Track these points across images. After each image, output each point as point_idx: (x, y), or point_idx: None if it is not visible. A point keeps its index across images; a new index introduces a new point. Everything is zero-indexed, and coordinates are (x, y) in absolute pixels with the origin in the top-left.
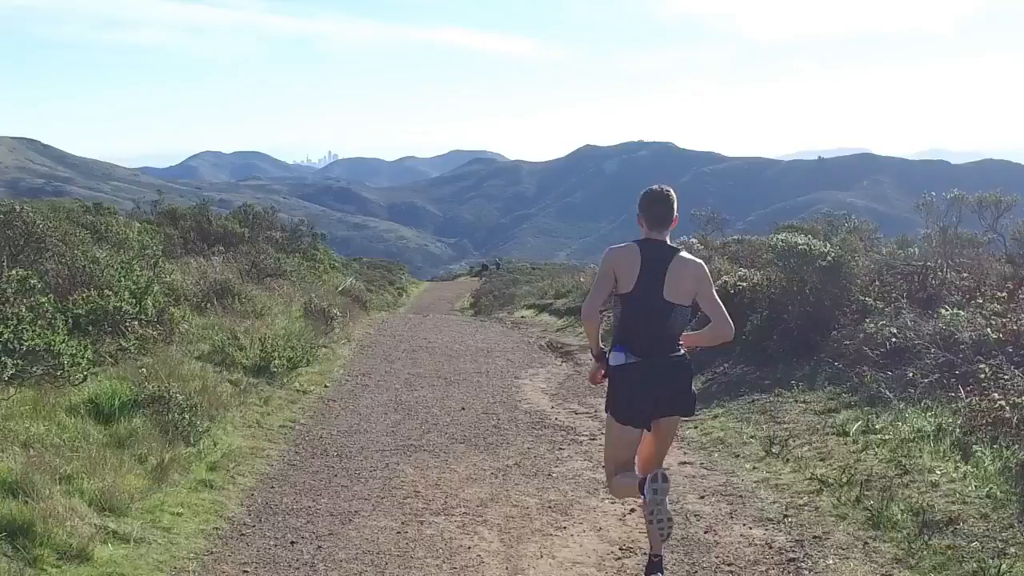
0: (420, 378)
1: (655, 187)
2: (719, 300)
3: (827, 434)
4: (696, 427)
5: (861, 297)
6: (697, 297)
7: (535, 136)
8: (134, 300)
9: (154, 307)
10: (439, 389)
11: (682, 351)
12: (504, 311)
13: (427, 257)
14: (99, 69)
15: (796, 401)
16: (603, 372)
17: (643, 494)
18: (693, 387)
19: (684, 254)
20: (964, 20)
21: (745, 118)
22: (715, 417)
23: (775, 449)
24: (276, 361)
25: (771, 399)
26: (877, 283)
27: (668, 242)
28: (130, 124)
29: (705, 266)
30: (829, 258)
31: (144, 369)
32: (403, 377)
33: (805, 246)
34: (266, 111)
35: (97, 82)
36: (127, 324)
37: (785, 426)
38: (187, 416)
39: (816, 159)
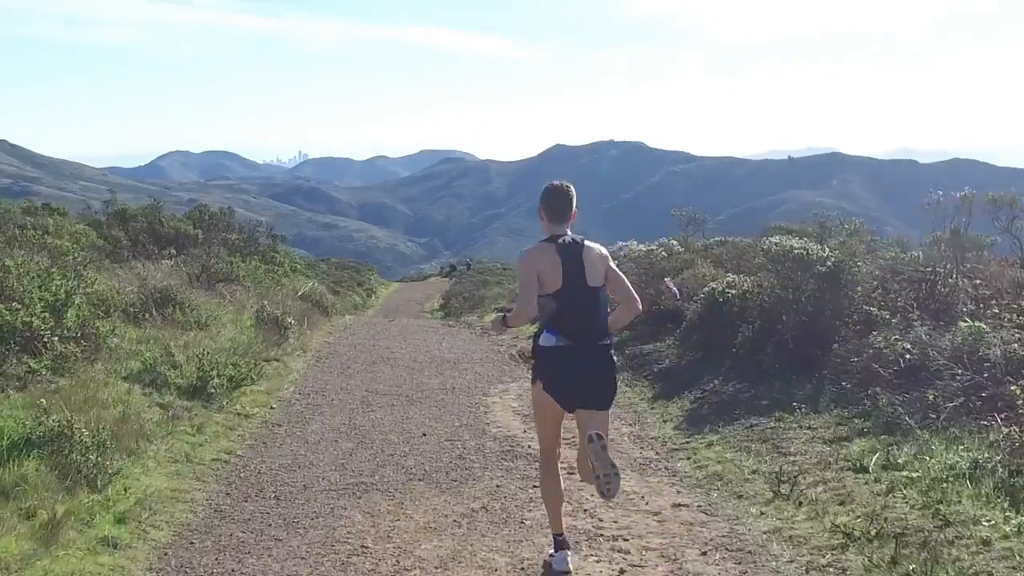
0: (379, 396)
1: (555, 183)
2: (624, 279)
3: (842, 469)
4: (689, 458)
5: (865, 307)
6: (607, 279)
7: (505, 136)
8: (51, 313)
9: (77, 320)
10: (399, 410)
11: (609, 340)
12: (474, 314)
13: (398, 257)
14: (67, 68)
15: (800, 427)
16: (504, 330)
17: (591, 460)
18: (616, 380)
19: (588, 243)
20: (933, 23)
21: (715, 118)
22: (709, 446)
23: (784, 488)
24: (215, 381)
25: (771, 424)
26: (880, 291)
27: (570, 234)
28: (99, 124)
29: (605, 250)
30: (829, 263)
31: (43, 400)
32: (360, 395)
33: (802, 250)
34: (235, 111)
35: (65, 82)
36: (43, 341)
37: (792, 458)
38: (93, 456)
39: (786, 159)
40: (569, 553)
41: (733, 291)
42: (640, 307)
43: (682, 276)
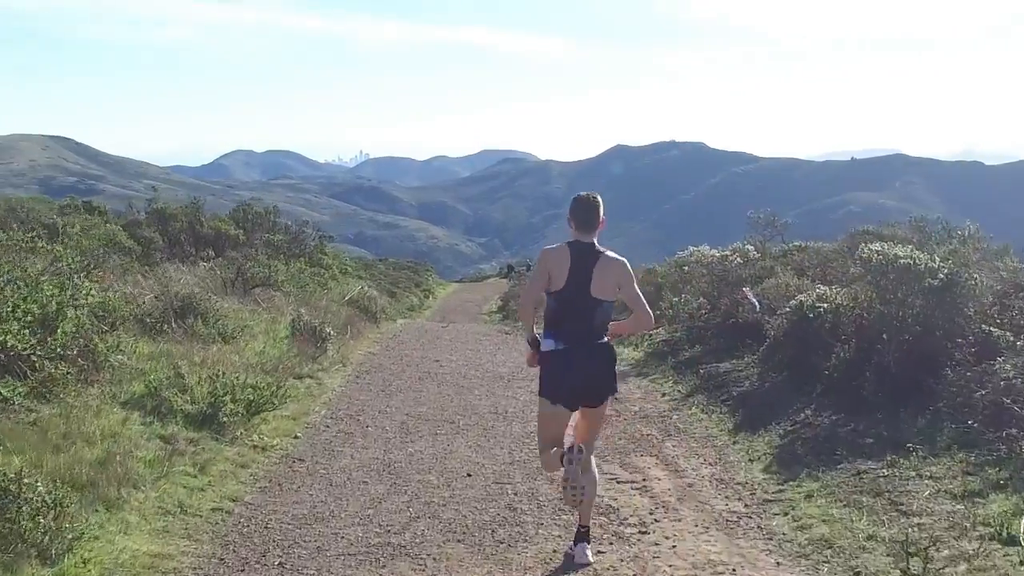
0: (421, 421)
1: (583, 194)
2: (640, 293)
3: (983, 538)
4: (786, 513)
5: (982, 326)
6: (620, 292)
7: (566, 136)
8: (39, 329)
9: (72, 336)
10: (442, 440)
11: (605, 339)
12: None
13: (457, 256)
14: (132, 68)
15: (919, 475)
16: (537, 357)
17: (563, 465)
18: (614, 371)
19: (609, 254)
20: (998, 22)
21: (776, 118)
22: (809, 497)
23: (914, 566)
24: (228, 407)
25: (883, 470)
26: (997, 308)
27: (596, 244)
28: (163, 124)
29: (627, 264)
30: (941, 276)
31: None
32: (399, 419)
33: (908, 260)
34: (297, 111)
35: (130, 81)
36: (30, 362)
37: (916, 520)
38: (46, 518)
39: (848, 160)
40: (588, 546)
41: (824, 305)
42: (650, 322)
43: (762, 286)
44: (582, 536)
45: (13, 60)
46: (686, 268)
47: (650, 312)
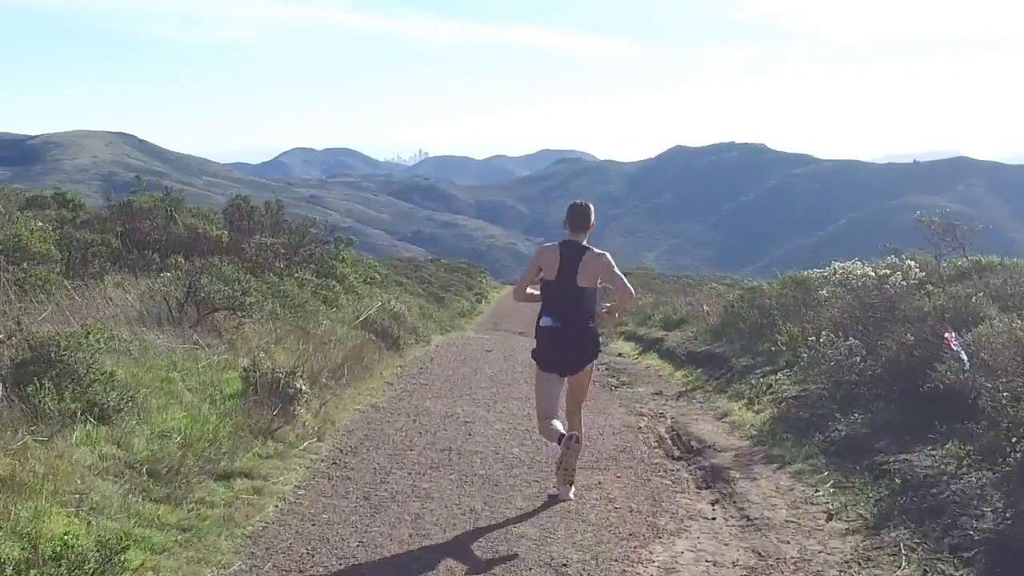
0: None
1: (578, 202)
2: (622, 275)
3: None
4: None
5: None
6: (604, 279)
7: (624, 136)
8: None
9: None
10: None
11: (593, 323)
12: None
13: (515, 256)
14: (194, 67)
15: None
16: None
17: (560, 445)
18: (597, 346)
19: (594, 250)
20: None
21: (836, 119)
22: None
23: None
24: None
25: None
26: None
27: (584, 242)
28: (224, 121)
29: (608, 256)
30: None
31: None
32: None
33: None
34: (357, 109)
35: (192, 80)
36: None
37: None
38: None
39: (910, 162)
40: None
41: None
42: (632, 296)
43: (974, 332)
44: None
45: (79, 58)
46: (824, 292)
47: (631, 288)
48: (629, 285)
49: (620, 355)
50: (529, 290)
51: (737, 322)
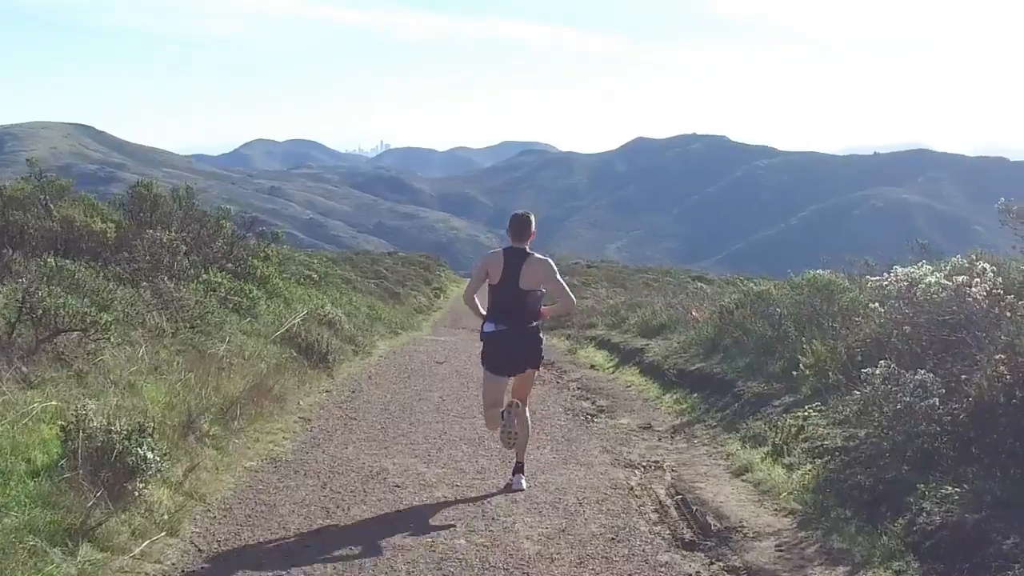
0: None
1: (519, 212)
2: (563, 283)
3: None
4: None
5: None
6: (545, 284)
7: (587, 128)
8: None
9: None
10: None
11: (535, 324)
12: (561, 335)
13: (478, 248)
14: (153, 58)
15: None
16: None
17: (502, 419)
18: (541, 348)
19: (536, 256)
20: (1021, 19)
21: (798, 112)
22: None
23: None
24: None
25: None
26: None
27: (526, 248)
28: (184, 113)
29: (551, 261)
30: None
31: None
32: None
33: None
34: (319, 101)
35: (151, 71)
36: None
37: None
38: None
39: (871, 154)
40: (523, 477)
41: None
42: (572, 305)
43: None
44: (518, 468)
45: (35, 47)
46: (875, 307)
47: (573, 297)
48: (570, 293)
49: (593, 367)
50: (477, 301)
51: (738, 333)
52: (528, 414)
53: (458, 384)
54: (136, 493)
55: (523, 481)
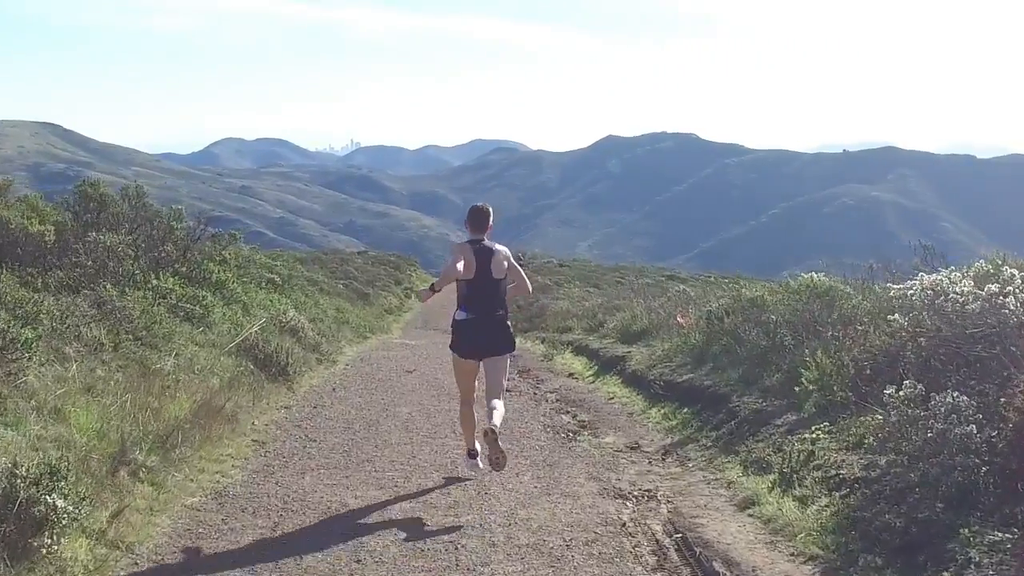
0: None
1: (478, 205)
2: (520, 269)
3: None
4: None
5: None
6: (508, 271)
7: (557, 126)
8: None
9: None
10: None
11: (503, 311)
12: (535, 338)
13: (448, 246)
14: (122, 56)
15: None
16: (431, 296)
17: (485, 443)
18: (510, 334)
19: (497, 246)
20: (992, 15)
21: (768, 110)
22: None
23: None
24: None
25: None
26: None
27: (486, 240)
28: (152, 111)
29: (508, 250)
30: None
31: None
32: None
33: None
34: (289, 100)
35: (120, 69)
36: None
37: None
38: None
39: (840, 152)
40: (479, 460)
41: None
42: (530, 289)
43: None
44: (473, 454)
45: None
46: (896, 319)
47: (528, 282)
48: (527, 279)
49: (571, 376)
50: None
51: (728, 341)
52: (502, 405)
53: (428, 397)
54: (43, 551)
55: (480, 464)
